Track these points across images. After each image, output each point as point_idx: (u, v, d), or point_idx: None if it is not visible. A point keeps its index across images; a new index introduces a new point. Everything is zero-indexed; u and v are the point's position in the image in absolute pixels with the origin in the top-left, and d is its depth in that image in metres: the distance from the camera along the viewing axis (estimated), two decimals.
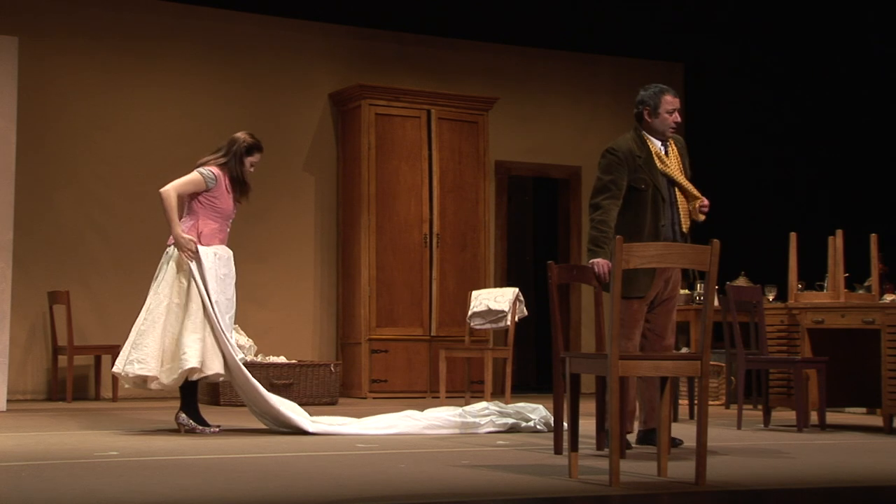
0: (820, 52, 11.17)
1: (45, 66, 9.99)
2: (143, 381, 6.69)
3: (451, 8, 11.23)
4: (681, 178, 6.25)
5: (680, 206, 6.22)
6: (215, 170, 6.92)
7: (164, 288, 6.73)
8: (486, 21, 11.50)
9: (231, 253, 6.96)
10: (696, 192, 6.25)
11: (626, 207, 6.15)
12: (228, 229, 7.02)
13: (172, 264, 6.77)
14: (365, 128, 10.66)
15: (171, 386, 6.72)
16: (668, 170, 6.21)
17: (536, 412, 7.06)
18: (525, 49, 11.99)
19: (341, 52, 11.20)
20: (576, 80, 12.19)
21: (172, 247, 6.81)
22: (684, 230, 6.22)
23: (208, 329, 6.66)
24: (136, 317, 6.80)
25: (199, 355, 6.59)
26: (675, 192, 6.23)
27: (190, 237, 6.76)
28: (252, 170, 7.04)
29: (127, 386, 6.85)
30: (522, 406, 7.15)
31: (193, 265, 6.72)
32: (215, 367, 6.66)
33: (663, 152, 6.26)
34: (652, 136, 6.27)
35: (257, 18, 10.88)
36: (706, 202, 6.27)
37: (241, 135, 7.05)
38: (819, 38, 11.17)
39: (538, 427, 6.91)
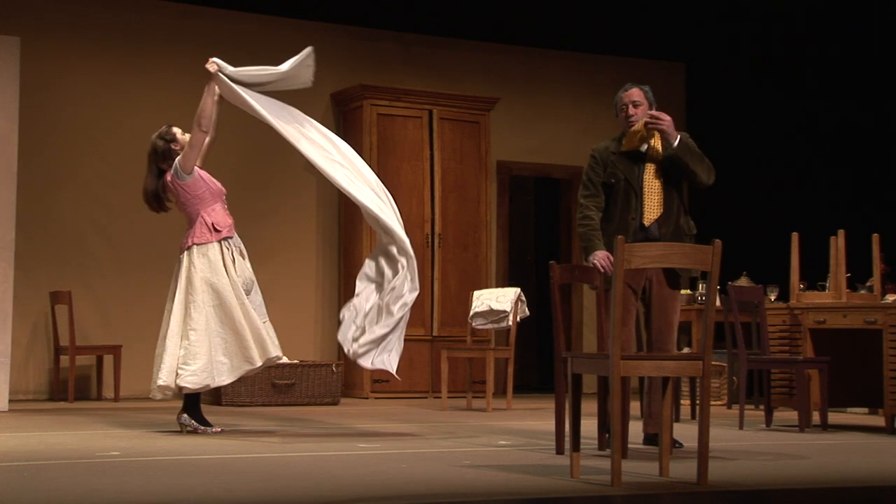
0: (820, 51, 11.16)
1: (47, 66, 9.99)
2: (180, 389, 6.69)
3: (453, 8, 11.23)
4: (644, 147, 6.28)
5: (646, 198, 6.26)
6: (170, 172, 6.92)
7: (198, 294, 6.68)
8: (487, 21, 11.50)
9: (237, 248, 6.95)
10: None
11: (606, 202, 6.34)
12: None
13: (193, 270, 6.72)
14: (367, 128, 10.65)
15: (227, 383, 6.84)
16: (631, 147, 6.28)
17: None
18: (527, 49, 11.99)
19: (343, 53, 11.19)
20: (577, 81, 12.19)
21: (186, 253, 6.79)
22: (644, 222, 6.24)
23: (250, 320, 6.70)
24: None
25: (256, 348, 6.68)
26: (643, 184, 6.28)
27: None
28: (180, 147, 6.95)
29: (160, 397, 6.74)
30: None
31: (220, 269, 6.73)
32: (272, 350, 6.76)
33: (644, 147, 6.32)
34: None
35: (258, 18, 10.87)
36: (656, 114, 6.23)
37: (153, 138, 7.01)
38: (819, 36, 11.17)
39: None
